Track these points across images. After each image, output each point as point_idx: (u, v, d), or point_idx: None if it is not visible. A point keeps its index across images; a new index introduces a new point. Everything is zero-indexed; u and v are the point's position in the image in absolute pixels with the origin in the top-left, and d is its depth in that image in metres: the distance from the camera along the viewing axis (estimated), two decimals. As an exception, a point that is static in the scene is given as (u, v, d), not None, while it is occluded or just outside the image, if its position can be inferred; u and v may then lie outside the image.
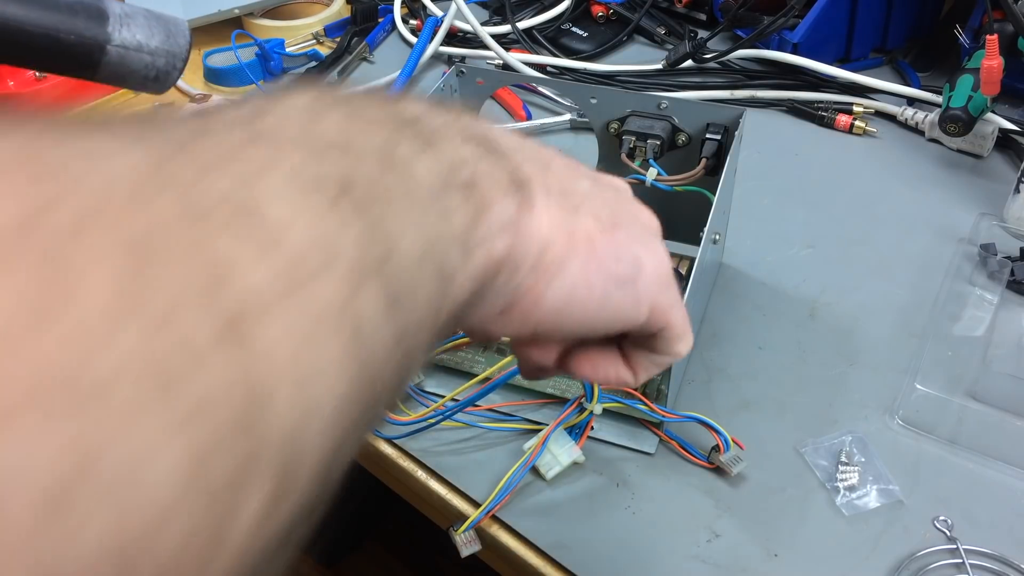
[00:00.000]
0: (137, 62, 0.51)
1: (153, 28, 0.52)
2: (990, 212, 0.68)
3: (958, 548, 0.47)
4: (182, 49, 0.53)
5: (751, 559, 0.47)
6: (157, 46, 0.52)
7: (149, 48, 0.52)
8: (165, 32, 0.52)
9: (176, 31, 0.53)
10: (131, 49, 0.51)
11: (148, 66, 0.52)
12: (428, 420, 0.52)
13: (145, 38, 0.51)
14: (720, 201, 0.54)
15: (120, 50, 0.51)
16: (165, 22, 0.53)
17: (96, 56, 0.50)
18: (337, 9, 0.98)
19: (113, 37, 0.50)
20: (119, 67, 0.51)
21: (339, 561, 1.47)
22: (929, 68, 0.85)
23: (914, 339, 0.58)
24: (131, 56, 0.51)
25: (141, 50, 0.51)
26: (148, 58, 0.52)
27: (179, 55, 0.53)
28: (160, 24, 0.52)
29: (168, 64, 0.52)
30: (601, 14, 0.93)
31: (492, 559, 0.51)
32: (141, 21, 0.52)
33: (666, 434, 0.52)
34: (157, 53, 0.52)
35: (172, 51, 0.53)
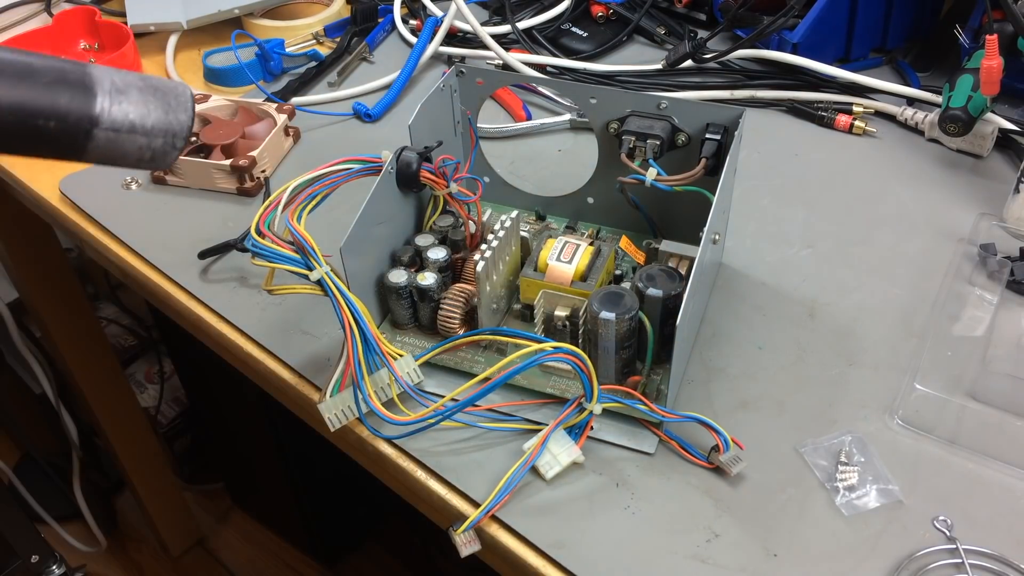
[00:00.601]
0: (130, 144, 0.44)
1: (149, 103, 0.45)
2: (990, 212, 0.68)
3: (957, 548, 0.47)
4: (183, 126, 0.46)
5: (750, 559, 0.47)
6: (154, 125, 0.45)
7: (144, 128, 0.44)
8: (164, 107, 0.45)
9: (177, 104, 0.46)
10: (123, 131, 0.44)
11: (143, 148, 0.45)
12: (428, 420, 0.52)
13: (139, 116, 0.44)
14: (720, 201, 0.54)
15: (110, 133, 0.44)
16: (164, 94, 0.45)
17: (80, 141, 0.43)
18: (337, 9, 0.98)
19: (102, 118, 0.43)
20: (108, 151, 0.44)
21: (339, 561, 1.47)
22: (929, 68, 0.85)
23: (913, 339, 0.58)
24: (122, 139, 0.44)
25: (135, 131, 0.44)
26: (143, 140, 0.45)
27: (179, 133, 0.46)
28: (158, 97, 0.45)
29: (166, 144, 0.46)
30: (601, 14, 0.93)
31: (492, 559, 0.51)
32: (135, 96, 0.44)
33: (666, 434, 0.52)
34: (154, 133, 0.45)
35: (171, 129, 0.45)
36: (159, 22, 0.94)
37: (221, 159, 0.74)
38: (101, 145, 0.43)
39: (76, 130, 0.43)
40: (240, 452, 1.41)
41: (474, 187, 0.60)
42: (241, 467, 1.46)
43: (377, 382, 0.53)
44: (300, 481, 1.31)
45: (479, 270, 0.53)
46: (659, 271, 0.53)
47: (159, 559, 1.52)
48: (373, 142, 0.80)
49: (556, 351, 0.48)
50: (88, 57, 0.94)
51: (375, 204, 0.55)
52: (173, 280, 0.67)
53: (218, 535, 1.54)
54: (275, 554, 1.50)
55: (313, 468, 1.30)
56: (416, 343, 0.59)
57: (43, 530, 1.10)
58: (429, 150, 0.58)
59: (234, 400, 1.27)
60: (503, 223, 0.57)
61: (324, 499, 1.37)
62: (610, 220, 0.66)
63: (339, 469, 1.31)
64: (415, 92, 0.86)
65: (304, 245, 0.52)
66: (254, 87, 0.87)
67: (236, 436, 1.37)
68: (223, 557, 1.52)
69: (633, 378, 0.54)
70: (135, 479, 1.37)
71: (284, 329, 0.62)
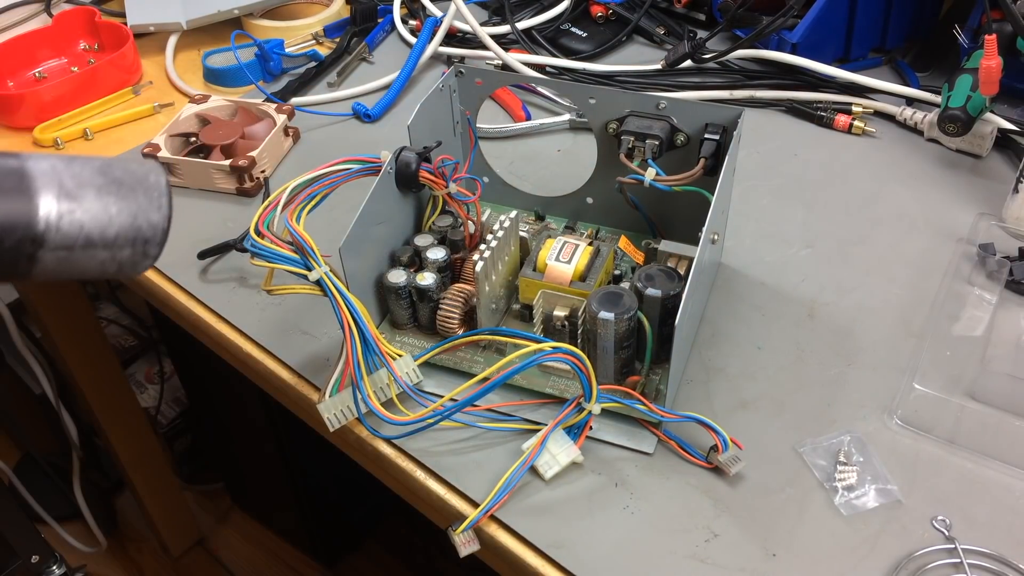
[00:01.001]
0: (87, 261, 0.34)
1: (111, 206, 0.34)
2: (989, 212, 0.68)
3: (956, 548, 0.47)
4: (157, 229, 0.35)
5: (749, 559, 0.47)
6: (118, 233, 0.34)
7: (105, 240, 0.34)
8: (131, 208, 0.34)
9: (148, 201, 0.35)
10: (76, 248, 0.33)
11: (105, 263, 0.34)
12: (427, 420, 0.52)
13: (99, 227, 0.33)
14: (719, 201, 0.54)
15: (58, 253, 0.33)
16: (131, 189, 0.35)
17: (21, 267, 0.33)
18: (336, 9, 0.98)
19: (48, 237, 0.32)
20: (60, 272, 0.34)
21: (339, 561, 1.47)
22: (928, 68, 0.85)
23: (913, 339, 0.58)
24: (77, 257, 0.34)
25: (92, 246, 0.34)
26: (104, 254, 0.34)
27: (153, 239, 0.35)
28: (123, 196, 0.34)
29: (135, 254, 0.35)
30: (600, 14, 0.93)
31: (491, 559, 0.51)
32: (92, 200, 0.33)
33: (665, 434, 0.52)
34: (118, 244, 0.34)
35: (140, 235, 0.35)
36: (159, 22, 0.94)
37: (221, 159, 0.74)
38: (50, 267, 0.33)
39: (15, 255, 0.32)
40: (240, 452, 1.41)
41: (473, 187, 0.60)
42: (241, 467, 1.46)
43: (376, 382, 0.53)
44: (300, 481, 1.30)
45: (478, 270, 0.53)
46: (658, 271, 0.53)
47: (159, 559, 1.52)
48: (372, 142, 0.80)
49: (555, 351, 0.49)
50: (88, 58, 0.94)
51: (374, 204, 0.55)
52: (173, 280, 0.67)
53: (218, 535, 1.54)
54: (275, 554, 1.50)
55: (313, 468, 1.30)
56: (415, 343, 0.59)
57: (43, 530, 1.09)
58: (428, 150, 0.58)
59: (234, 400, 1.27)
60: (502, 223, 0.57)
61: (324, 499, 1.37)
62: (609, 220, 0.66)
63: (339, 469, 1.31)
64: (414, 92, 0.86)
65: (303, 245, 0.52)
66: (254, 87, 0.87)
67: (236, 436, 1.37)
68: (223, 557, 1.52)
69: (632, 378, 0.54)
70: (135, 479, 1.37)
71: (283, 329, 0.62)
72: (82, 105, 0.85)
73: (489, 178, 0.68)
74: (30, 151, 0.82)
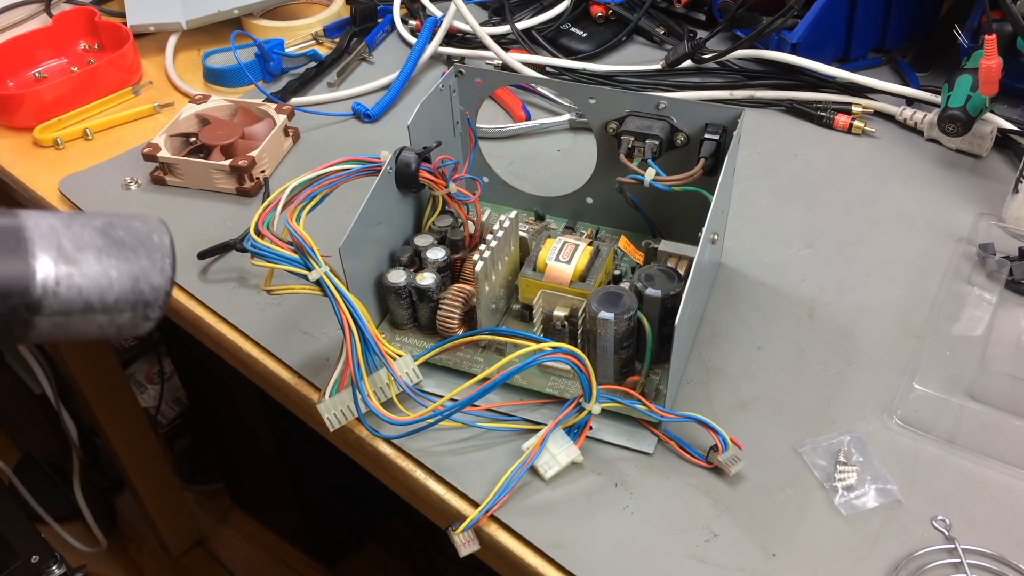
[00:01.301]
0: (85, 326, 0.32)
1: (112, 269, 0.32)
2: (989, 212, 0.68)
3: (956, 548, 0.47)
4: (159, 292, 0.34)
5: (749, 559, 0.47)
6: (118, 298, 0.32)
7: (104, 304, 0.32)
8: (133, 271, 0.33)
9: (151, 263, 0.33)
10: (75, 314, 0.32)
11: (103, 327, 0.33)
12: (427, 420, 0.52)
13: (98, 291, 0.32)
14: (718, 201, 0.54)
15: (56, 319, 0.31)
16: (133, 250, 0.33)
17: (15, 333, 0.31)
18: (336, 9, 0.98)
19: (44, 303, 0.31)
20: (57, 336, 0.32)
21: (339, 561, 1.47)
22: (928, 68, 0.85)
23: (912, 339, 0.58)
24: (74, 322, 0.32)
25: (91, 310, 0.32)
26: (103, 319, 0.32)
27: (154, 302, 0.34)
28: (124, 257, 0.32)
29: (136, 318, 0.33)
30: (600, 14, 0.93)
31: (491, 559, 0.51)
32: (91, 263, 0.31)
33: (664, 434, 0.52)
34: (118, 308, 0.33)
35: (142, 299, 0.33)
36: (159, 22, 0.94)
37: (220, 159, 0.74)
38: (46, 333, 0.32)
39: (9, 320, 0.31)
40: (240, 452, 1.41)
41: (473, 187, 0.60)
42: (241, 467, 1.46)
43: (376, 382, 0.53)
44: (300, 481, 1.30)
45: (478, 270, 0.53)
46: (658, 271, 0.53)
47: (159, 559, 1.52)
48: (372, 142, 0.80)
49: (555, 351, 0.49)
50: (88, 58, 0.94)
51: (374, 204, 0.55)
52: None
53: (218, 535, 1.54)
54: (275, 554, 1.50)
55: (313, 468, 1.30)
56: (415, 343, 0.59)
57: (43, 530, 1.09)
58: (428, 150, 0.58)
59: (234, 400, 1.27)
60: (502, 223, 0.57)
61: (324, 499, 1.37)
62: (609, 220, 0.66)
63: (339, 469, 1.31)
64: (414, 92, 0.86)
65: (303, 245, 0.52)
66: (253, 87, 0.87)
67: (236, 436, 1.37)
68: (223, 557, 1.52)
69: (632, 378, 0.54)
70: (135, 479, 1.37)
71: (283, 329, 0.62)
72: (82, 105, 0.85)
73: (489, 178, 0.68)
74: (30, 151, 0.82)
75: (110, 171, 0.78)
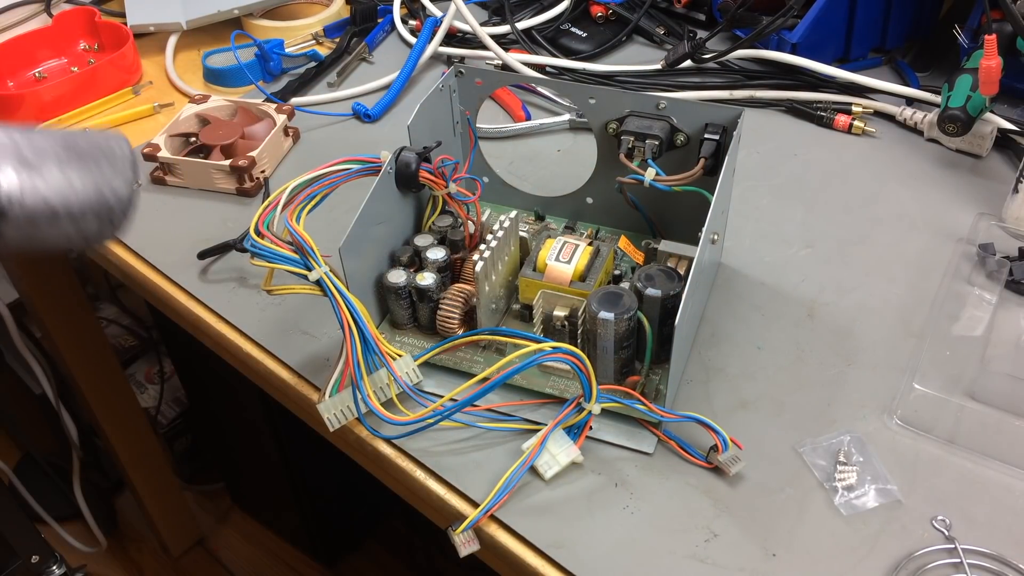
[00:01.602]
0: (52, 232, 0.33)
1: (74, 177, 0.33)
2: (989, 212, 0.68)
3: (956, 547, 0.47)
4: (122, 200, 0.35)
5: (749, 559, 0.47)
6: (82, 206, 0.33)
7: (69, 211, 0.33)
8: (95, 177, 0.34)
9: (112, 171, 0.34)
10: (41, 222, 0.33)
11: (70, 236, 0.34)
12: (427, 420, 0.52)
13: (61, 198, 0.33)
14: (718, 201, 0.54)
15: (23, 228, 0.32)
16: (94, 159, 0.34)
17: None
18: (336, 9, 0.98)
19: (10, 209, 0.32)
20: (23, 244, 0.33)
21: (339, 561, 1.47)
22: (928, 68, 0.85)
23: (912, 339, 0.58)
24: (42, 231, 0.33)
25: (57, 219, 0.33)
26: (69, 227, 0.34)
27: (117, 209, 0.35)
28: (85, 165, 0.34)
29: (102, 225, 0.35)
30: (600, 14, 0.93)
31: (491, 559, 0.51)
32: (53, 171, 0.33)
33: (664, 434, 0.52)
34: (83, 216, 0.34)
35: (106, 206, 0.34)
36: (159, 22, 0.94)
37: (220, 159, 0.74)
38: (13, 241, 0.33)
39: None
40: (240, 452, 1.41)
41: (473, 187, 0.60)
42: (241, 467, 1.46)
43: (376, 382, 0.53)
44: (300, 481, 1.30)
45: (478, 270, 0.53)
46: (658, 271, 0.53)
47: (159, 559, 1.52)
48: (372, 142, 0.80)
49: (555, 351, 0.49)
50: (88, 58, 0.94)
51: (374, 204, 0.55)
52: (173, 280, 0.67)
53: (218, 535, 1.54)
54: (275, 554, 1.50)
55: (313, 468, 1.30)
56: (415, 343, 0.59)
57: (43, 530, 1.09)
58: (428, 150, 0.58)
59: (234, 400, 1.27)
60: (502, 223, 0.57)
61: (324, 499, 1.37)
62: (609, 220, 0.66)
63: (339, 469, 1.31)
64: (414, 92, 0.86)
65: (303, 245, 0.52)
66: (253, 87, 0.87)
67: (236, 436, 1.37)
68: (223, 557, 1.52)
69: (632, 378, 0.54)
70: (135, 479, 1.37)
71: (283, 329, 0.62)
72: (82, 105, 0.85)
73: (489, 178, 0.68)
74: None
75: (110, 171, 0.78)
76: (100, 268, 1.49)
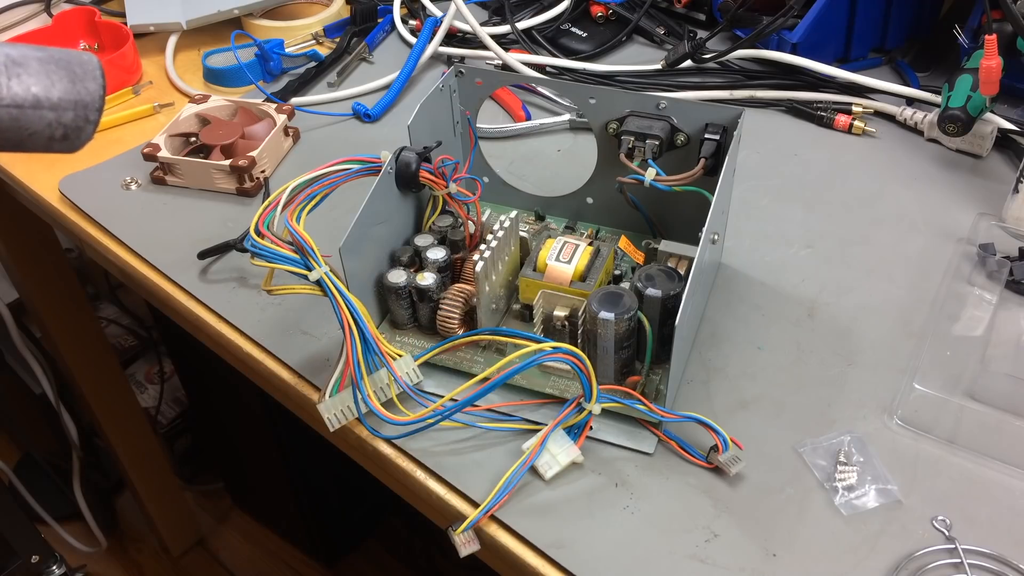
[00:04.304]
0: (37, 121, 0.41)
1: (53, 74, 0.41)
2: (989, 212, 0.68)
3: (956, 548, 0.47)
4: (94, 96, 0.43)
5: (750, 559, 0.47)
6: (60, 97, 0.42)
7: (50, 101, 0.41)
8: (69, 77, 0.42)
9: (84, 72, 0.43)
10: (26, 107, 0.41)
11: (52, 124, 0.42)
12: (427, 420, 0.52)
13: (43, 89, 0.41)
14: (719, 201, 0.54)
15: (11, 111, 0.40)
16: (68, 63, 0.42)
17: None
18: (336, 9, 0.98)
19: (1, 94, 0.40)
20: (12, 131, 0.41)
21: (339, 561, 1.47)
22: (928, 68, 0.85)
23: (913, 339, 0.58)
24: (27, 116, 0.41)
25: (40, 106, 0.41)
26: (50, 115, 0.42)
27: (91, 104, 0.43)
28: (61, 67, 0.42)
29: (78, 118, 0.43)
30: (600, 14, 0.93)
31: (491, 559, 0.51)
32: (35, 67, 0.41)
33: (665, 434, 0.52)
34: (62, 106, 0.42)
35: (81, 100, 0.42)
36: (159, 22, 0.94)
37: (221, 159, 0.74)
38: (5, 125, 0.40)
39: None
40: (240, 452, 1.41)
41: (473, 187, 0.60)
42: (241, 467, 1.46)
43: (376, 382, 0.53)
44: (300, 481, 1.31)
45: (478, 270, 0.53)
46: (658, 271, 0.53)
47: (159, 559, 1.52)
48: (372, 142, 0.80)
49: (555, 351, 0.49)
50: (88, 57, 0.94)
51: (374, 204, 0.55)
52: (173, 280, 0.67)
53: (218, 535, 1.54)
54: (275, 554, 1.50)
55: (313, 468, 1.30)
56: (415, 343, 0.59)
57: (43, 530, 1.10)
58: (428, 150, 0.58)
59: (234, 400, 1.27)
60: (502, 223, 0.57)
61: (324, 499, 1.37)
62: (609, 220, 0.66)
63: (339, 469, 1.31)
64: (414, 92, 0.87)
65: (303, 245, 0.52)
66: (254, 87, 0.87)
67: (236, 436, 1.37)
68: (223, 557, 1.52)
69: (632, 378, 0.54)
70: (135, 479, 1.37)
71: (283, 329, 0.62)
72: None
73: (489, 178, 0.68)
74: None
75: (110, 171, 0.78)
76: (100, 268, 1.50)
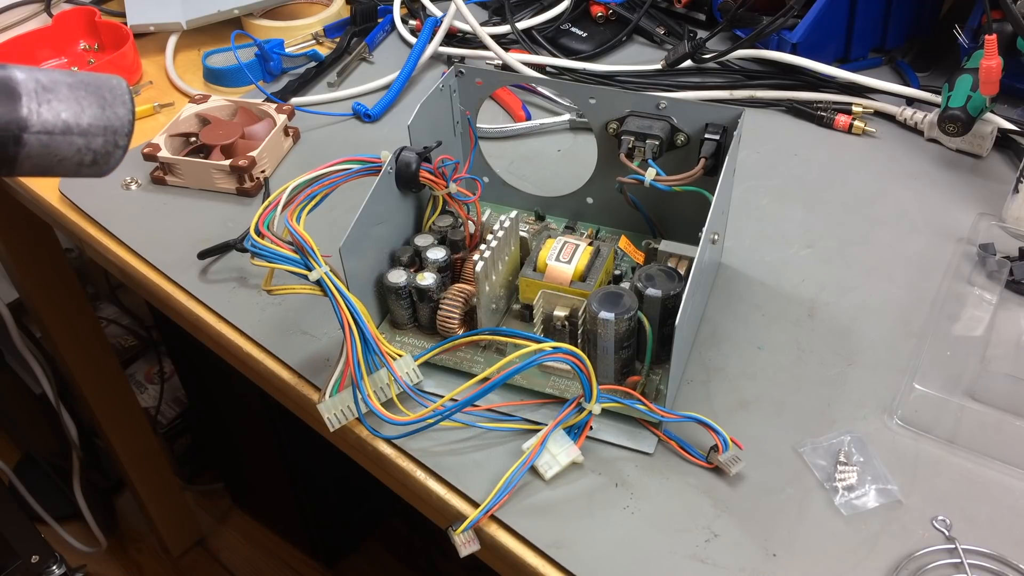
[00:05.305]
0: (67, 147, 0.41)
1: (82, 100, 0.41)
2: (989, 212, 0.68)
3: (956, 548, 0.47)
4: (123, 121, 0.43)
5: (750, 559, 0.47)
6: (90, 123, 0.41)
7: (80, 127, 0.41)
8: (99, 102, 0.42)
9: (113, 98, 0.42)
10: (56, 133, 0.40)
11: (82, 150, 0.42)
12: (427, 420, 0.52)
13: (73, 115, 0.41)
14: (719, 201, 0.54)
15: (41, 137, 0.40)
16: (97, 88, 0.42)
17: (10, 151, 0.40)
18: (336, 9, 0.98)
19: (31, 121, 0.40)
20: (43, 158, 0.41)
21: (339, 561, 1.47)
22: (928, 68, 0.85)
23: (913, 339, 0.58)
24: (57, 142, 0.41)
25: (70, 132, 0.41)
26: (80, 140, 0.41)
27: (120, 129, 0.43)
28: (91, 92, 0.42)
29: (107, 143, 0.42)
30: (600, 14, 0.93)
31: (491, 559, 0.51)
32: (65, 93, 0.41)
33: (665, 434, 0.52)
34: (92, 132, 0.42)
35: (111, 126, 0.42)
36: (159, 22, 0.94)
37: (221, 159, 0.74)
38: (35, 152, 0.40)
39: (4, 138, 0.39)
40: (240, 452, 1.41)
41: (473, 187, 0.60)
42: (241, 467, 1.46)
43: (376, 382, 0.53)
44: (300, 481, 1.31)
45: (478, 270, 0.53)
46: (658, 271, 0.53)
47: (159, 559, 1.52)
48: (373, 142, 0.80)
49: (555, 351, 0.49)
50: (88, 58, 0.94)
51: (374, 204, 0.55)
52: (173, 280, 0.67)
53: (218, 535, 1.54)
54: (275, 554, 1.50)
55: (313, 468, 1.30)
56: (415, 343, 0.59)
57: (43, 530, 1.10)
58: (428, 150, 0.58)
59: (234, 400, 1.27)
60: (502, 223, 0.57)
61: (324, 499, 1.37)
62: (609, 220, 0.66)
63: (339, 469, 1.31)
64: (414, 92, 0.87)
65: (303, 245, 0.52)
66: (254, 87, 0.87)
67: (236, 436, 1.37)
68: (223, 557, 1.52)
69: (632, 378, 0.54)
70: (135, 479, 1.37)
71: (283, 329, 0.62)
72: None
73: (489, 178, 0.68)
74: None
75: (110, 171, 0.78)
76: (100, 268, 1.50)
